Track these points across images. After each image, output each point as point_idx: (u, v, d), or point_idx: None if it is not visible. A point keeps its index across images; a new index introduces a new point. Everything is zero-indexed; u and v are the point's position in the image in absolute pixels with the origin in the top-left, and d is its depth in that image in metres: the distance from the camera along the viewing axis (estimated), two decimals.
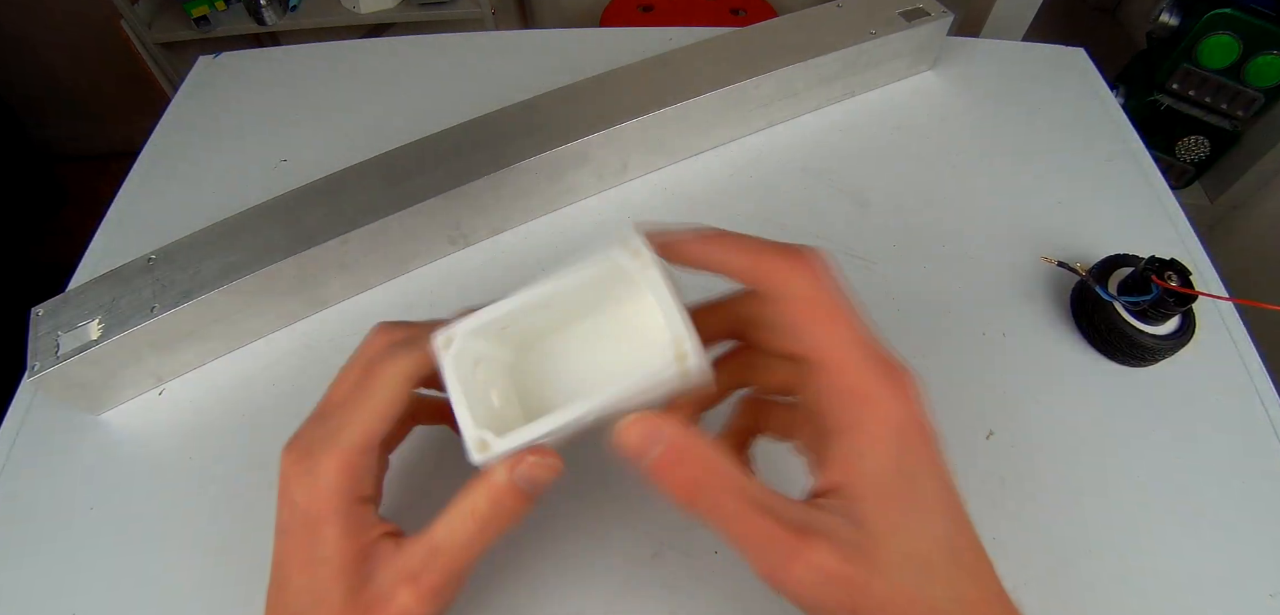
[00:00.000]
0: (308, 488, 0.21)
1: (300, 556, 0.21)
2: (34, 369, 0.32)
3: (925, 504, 0.19)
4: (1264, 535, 0.31)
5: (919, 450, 0.19)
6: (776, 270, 0.20)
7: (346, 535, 0.21)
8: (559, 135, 0.41)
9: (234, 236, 0.36)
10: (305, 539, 0.21)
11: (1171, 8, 1.03)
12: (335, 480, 0.21)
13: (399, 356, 0.22)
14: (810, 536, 0.18)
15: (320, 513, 0.20)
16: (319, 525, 0.20)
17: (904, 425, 0.19)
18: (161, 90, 1.34)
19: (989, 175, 0.46)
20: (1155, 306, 0.34)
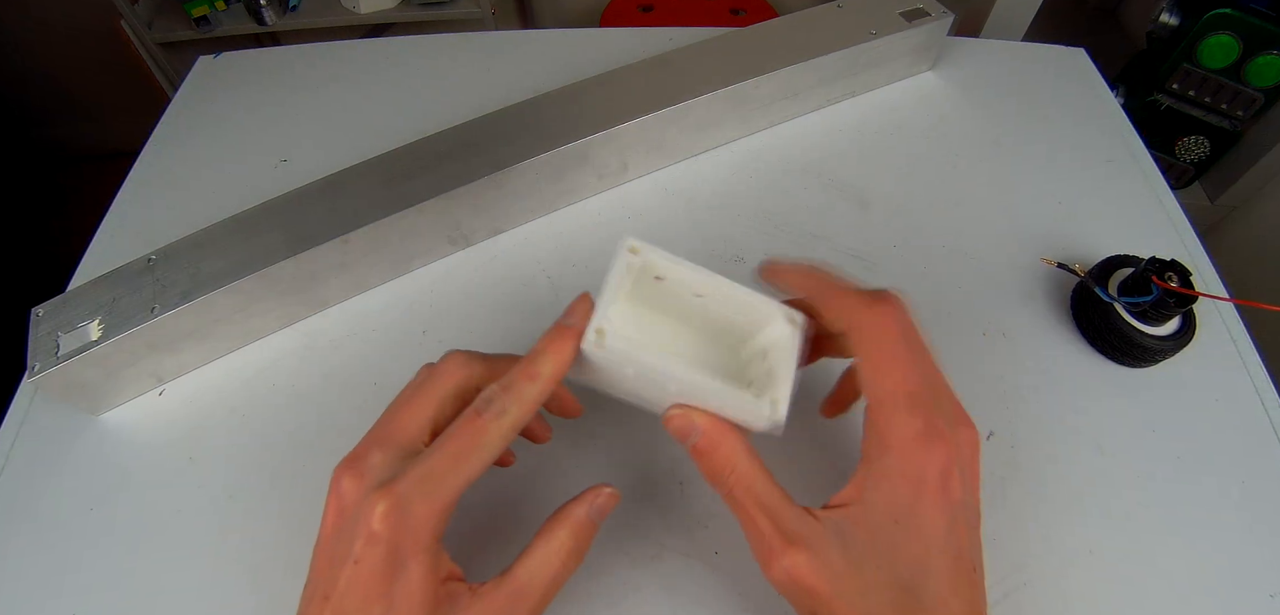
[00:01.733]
0: (396, 523, 0.20)
1: (375, 589, 0.20)
2: (34, 369, 0.32)
3: (913, 558, 0.21)
4: (1264, 535, 0.31)
5: (930, 512, 0.21)
6: (855, 310, 0.23)
7: (430, 574, 0.21)
8: (559, 135, 0.41)
9: (234, 236, 0.36)
10: (384, 573, 0.20)
11: (1171, 8, 1.03)
12: (431, 522, 0.21)
13: (509, 413, 0.22)
14: (794, 544, 0.21)
15: (408, 550, 0.20)
16: (405, 561, 0.20)
17: (924, 484, 0.21)
18: (161, 90, 1.34)
19: (989, 175, 0.46)
20: (1156, 307, 0.34)
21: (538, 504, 0.32)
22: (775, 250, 0.42)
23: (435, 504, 0.21)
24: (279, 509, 0.32)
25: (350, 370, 0.37)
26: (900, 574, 0.21)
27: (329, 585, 0.21)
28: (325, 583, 0.21)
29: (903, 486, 0.21)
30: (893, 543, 0.21)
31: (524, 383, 0.23)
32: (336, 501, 0.22)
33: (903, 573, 0.21)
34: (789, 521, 0.22)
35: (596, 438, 0.34)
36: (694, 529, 0.31)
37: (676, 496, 0.32)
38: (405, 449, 0.22)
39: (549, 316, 0.26)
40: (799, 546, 0.21)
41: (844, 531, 0.21)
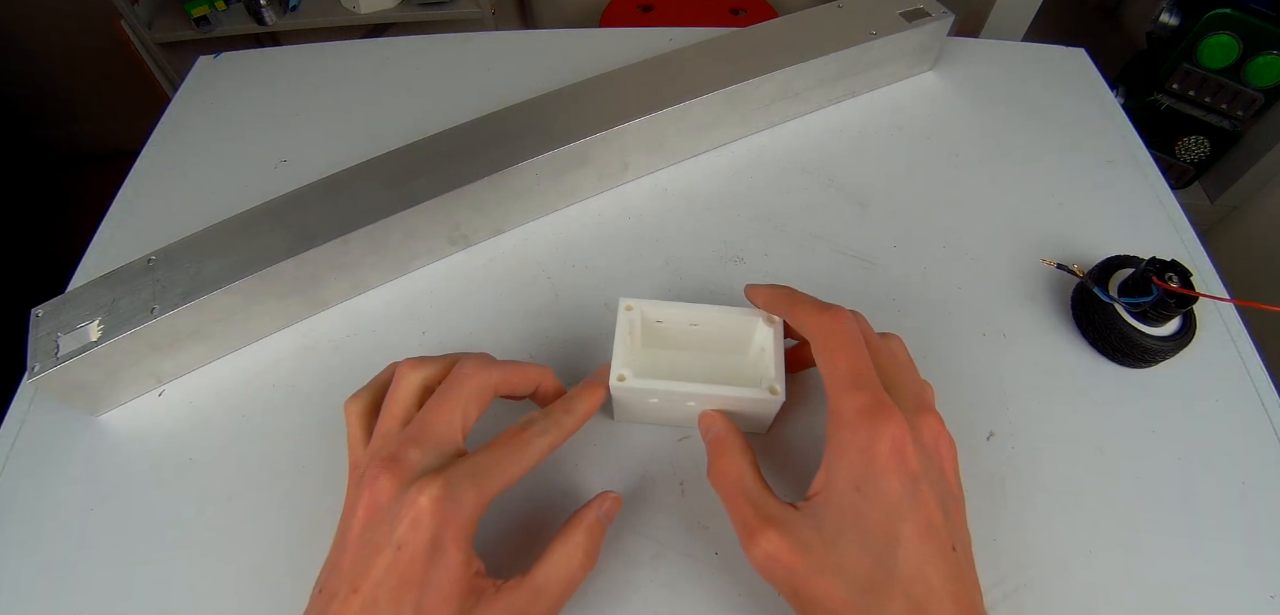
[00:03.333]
0: (445, 510, 0.22)
1: (413, 575, 0.21)
2: (34, 370, 0.32)
3: (879, 528, 0.22)
4: (1264, 535, 0.31)
5: (888, 480, 0.22)
6: (809, 318, 0.27)
7: (465, 565, 0.22)
8: (559, 135, 0.41)
9: (234, 236, 0.36)
10: (425, 559, 0.21)
11: (1171, 8, 1.03)
12: (474, 513, 0.23)
13: (548, 437, 0.26)
14: (770, 523, 0.23)
15: (449, 538, 0.22)
16: (444, 548, 0.22)
17: (876, 454, 0.23)
18: (161, 90, 1.34)
19: (989, 175, 0.46)
20: (1155, 308, 0.34)
21: (542, 506, 0.32)
22: (774, 250, 0.42)
23: (482, 495, 0.23)
24: (279, 509, 0.32)
25: (350, 370, 0.37)
26: (870, 543, 0.22)
27: (359, 577, 0.22)
28: (355, 575, 0.22)
29: (857, 457, 0.23)
30: (857, 511, 0.22)
31: (563, 414, 0.27)
32: (371, 496, 0.23)
33: (872, 541, 0.22)
34: (767, 507, 0.24)
35: (598, 441, 0.34)
36: (694, 529, 0.31)
37: (676, 496, 0.32)
38: (443, 447, 0.24)
39: (549, 316, 0.27)
40: (774, 525, 0.23)
41: (816, 511, 0.24)
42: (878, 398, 0.24)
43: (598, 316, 0.38)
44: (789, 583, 0.23)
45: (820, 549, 0.22)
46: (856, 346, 0.25)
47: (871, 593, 0.21)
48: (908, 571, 0.21)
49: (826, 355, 0.26)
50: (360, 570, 0.22)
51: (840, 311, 0.27)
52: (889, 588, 0.21)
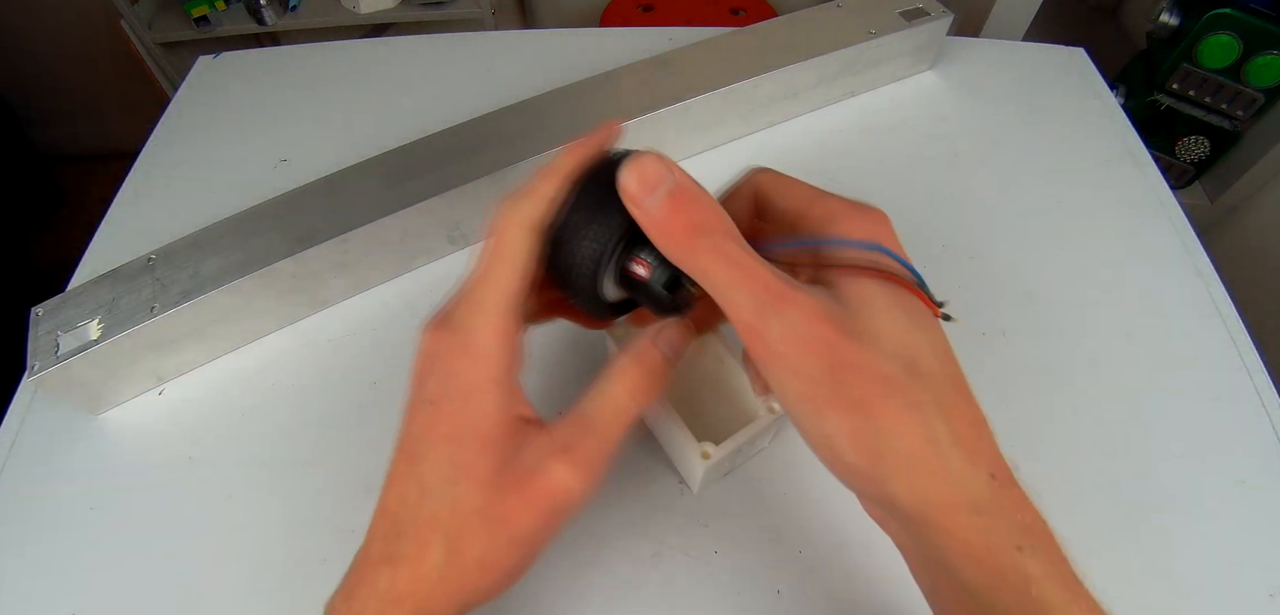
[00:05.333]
0: (465, 358, 0.20)
1: (445, 428, 0.20)
2: (34, 369, 0.32)
3: (902, 304, 0.20)
4: (1264, 535, 0.31)
5: (890, 276, 0.20)
6: (748, 181, 0.24)
7: (502, 405, 0.20)
8: (559, 135, 0.41)
9: (234, 236, 0.36)
10: (456, 409, 0.20)
11: (1171, 8, 1.03)
12: (492, 346, 0.20)
13: (519, 205, 0.21)
14: (796, 290, 0.19)
15: (477, 382, 0.20)
16: (475, 394, 0.20)
17: (877, 240, 0.21)
18: (161, 90, 1.34)
19: (989, 175, 0.46)
20: None
21: None
22: None
23: (489, 319, 0.20)
24: (279, 508, 0.32)
25: (350, 370, 0.37)
26: (903, 312, 0.20)
27: (405, 438, 0.21)
28: (403, 439, 0.21)
29: (865, 245, 0.20)
30: (883, 295, 0.20)
31: (538, 177, 0.22)
32: (417, 358, 0.21)
33: (905, 311, 0.20)
34: (784, 276, 0.20)
35: None
36: (694, 529, 0.31)
37: (676, 496, 0.32)
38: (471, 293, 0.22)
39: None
40: (803, 292, 0.19)
41: (834, 287, 0.20)
42: (858, 201, 0.22)
43: None
44: (827, 360, 0.19)
45: (852, 318, 0.19)
46: (789, 179, 0.23)
47: (913, 370, 0.19)
48: (937, 350, 0.20)
49: (785, 188, 0.23)
50: (405, 432, 0.21)
51: (755, 170, 0.24)
52: (928, 365, 0.19)
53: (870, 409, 0.19)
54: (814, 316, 0.19)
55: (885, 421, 0.18)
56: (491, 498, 0.20)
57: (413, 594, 0.20)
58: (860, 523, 0.31)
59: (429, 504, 0.20)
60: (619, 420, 0.21)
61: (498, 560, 0.20)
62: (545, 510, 0.20)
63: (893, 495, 0.19)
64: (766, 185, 0.24)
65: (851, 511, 0.31)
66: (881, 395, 0.19)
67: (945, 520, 0.19)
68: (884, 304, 0.20)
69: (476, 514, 0.20)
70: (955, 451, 0.19)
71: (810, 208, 0.22)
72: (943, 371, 0.20)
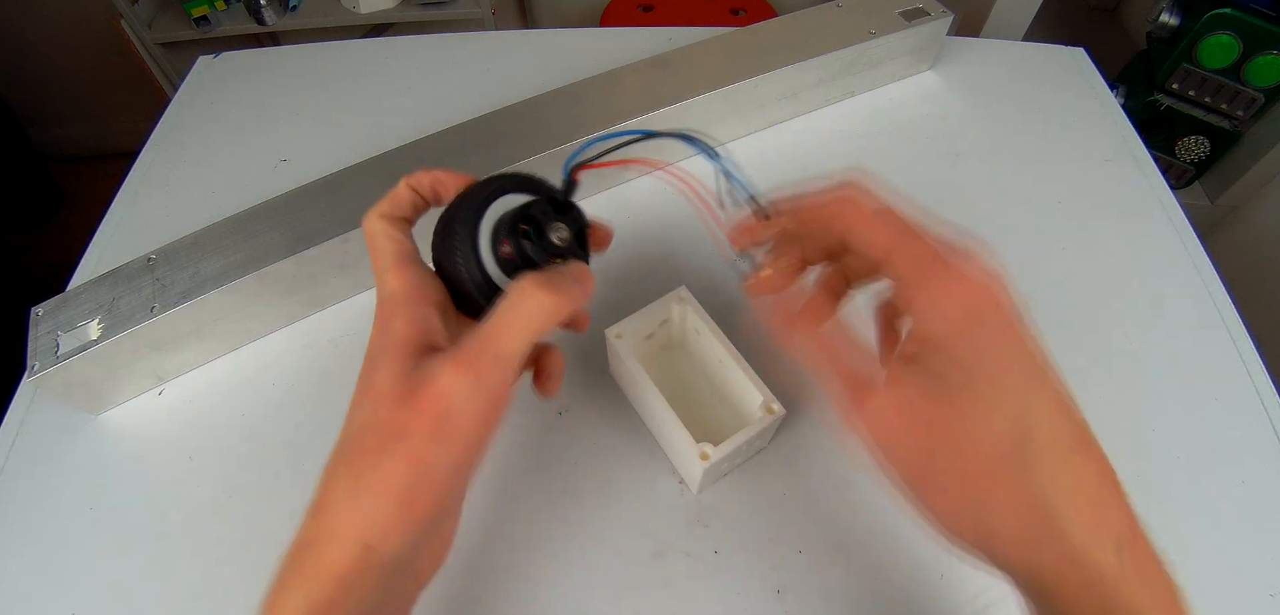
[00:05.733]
0: (383, 304, 0.23)
1: (371, 353, 0.22)
2: (34, 369, 0.32)
3: (1012, 369, 0.19)
4: (1264, 535, 0.31)
5: (1001, 313, 0.19)
6: (825, 205, 0.23)
7: (408, 328, 0.22)
8: (559, 135, 0.41)
9: (234, 236, 0.36)
10: (375, 342, 0.22)
11: (1171, 8, 1.03)
12: (397, 285, 0.23)
13: (374, 206, 0.25)
14: (894, 374, 0.19)
15: (388, 314, 0.22)
16: (387, 324, 0.22)
17: (981, 288, 0.19)
18: (161, 90, 1.34)
19: (989, 175, 0.46)
20: None
21: (538, 502, 0.32)
22: None
23: (388, 271, 0.23)
24: (279, 508, 0.32)
25: (350, 370, 0.37)
26: (1007, 387, 0.19)
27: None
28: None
29: (963, 293, 0.19)
30: (984, 352, 0.19)
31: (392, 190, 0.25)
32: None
33: (1009, 385, 0.19)
34: (873, 366, 0.20)
35: (596, 438, 0.34)
36: (694, 529, 0.31)
37: (676, 496, 0.32)
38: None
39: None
40: (902, 377, 0.19)
41: (928, 365, 0.20)
42: (939, 243, 0.21)
43: (595, 314, 0.38)
44: (923, 444, 0.19)
45: (953, 397, 0.19)
46: (884, 206, 0.22)
47: (1021, 445, 0.18)
48: (1053, 414, 0.19)
49: (866, 231, 0.22)
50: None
51: (849, 182, 0.23)
52: (1040, 435, 0.18)
53: (975, 492, 0.18)
54: (904, 406, 0.19)
55: (993, 504, 0.18)
56: (383, 411, 0.21)
57: (322, 530, 0.21)
58: (860, 523, 0.31)
59: (345, 432, 0.22)
60: (515, 330, 0.21)
61: (389, 474, 0.20)
62: (431, 416, 0.20)
63: (1009, 572, 0.19)
64: (851, 215, 0.22)
65: (852, 512, 0.31)
66: (986, 478, 0.18)
67: (1065, 593, 0.18)
68: (997, 367, 0.19)
69: (365, 427, 0.21)
70: (1077, 523, 0.18)
71: (899, 250, 0.21)
72: (1063, 433, 0.19)
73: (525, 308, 0.21)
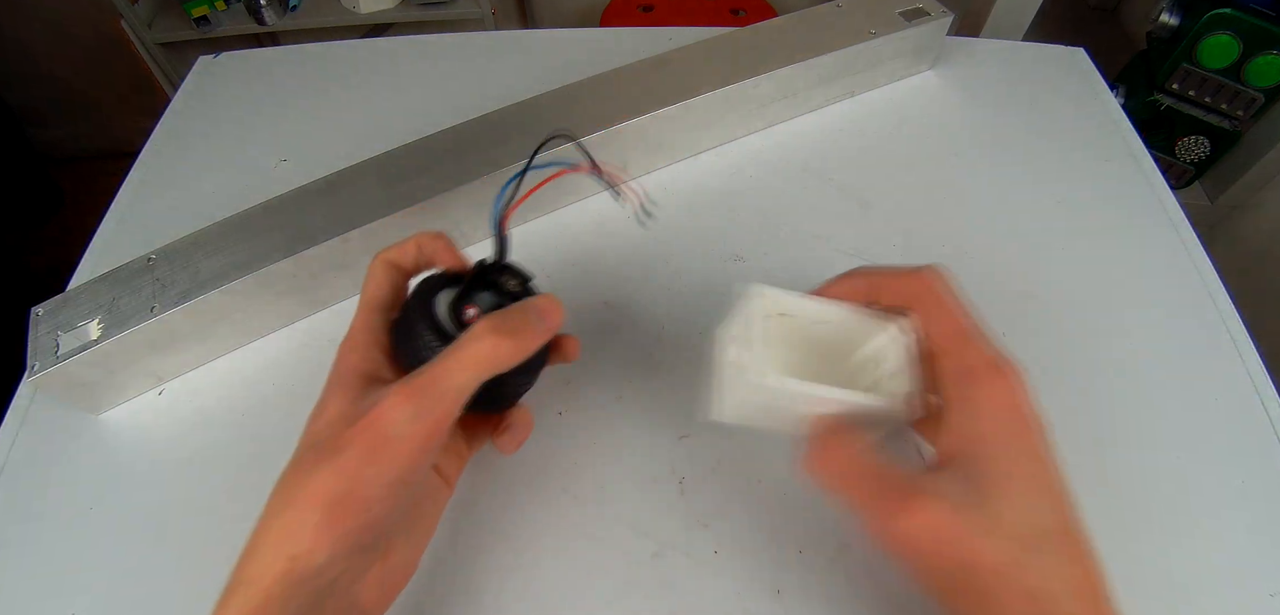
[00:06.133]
0: (339, 349, 0.25)
1: (326, 384, 0.24)
2: (34, 369, 0.32)
3: (1034, 481, 0.21)
4: (1264, 535, 0.31)
5: (1025, 435, 0.22)
6: (903, 282, 0.25)
7: (359, 362, 0.24)
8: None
9: (234, 236, 0.36)
10: (332, 371, 0.24)
11: (1171, 8, 1.03)
12: (356, 325, 0.25)
13: (383, 250, 0.27)
14: (921, 495, 0.21)
15: (344, 350, 0.25)
16: (341, 358, 0.24)
17: (1010, 408, 0.22)
18: (161, 90, 1.34)
19: (989, 175, 0.46)
20: None
21: (537, 503, 0.32)
22: (774, 250, 0.42)
23: (358, 312, 0.26)
24: None
25: None
26: (1030, 495, 0.21)
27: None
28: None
29: (997, 411, 0.22)
30: (1012, 464, 0.21)
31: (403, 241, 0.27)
32: None
33: (1032, 494, 0.21)
34: (906, 479, 0.22)
35: (597, 438, 0.34)
36: (694, 529, 0.31)
37: (676, 496, 0.32)
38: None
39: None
40: (925, 494, 0.21)
41: (962, 471, 0.22)
42: (997, 350, 0.23)
43: (597, 315, 0.38)
44: (954, 557, 0.21)
45: (981, 508, 0.21)
46: (959, 301, 0.24)
47: (1037, 549, 0.21)
48: (1063, 522, 0.22)
49: (935, 315, 0.24)
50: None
51: (932, 269, 0.25)
52: (1053, 540, 0.21)
53: (989, 601, 0.21)
54: (941, 519, 0.21)
55: (1007, 608, 0.20)
56: (331, 433, 0.22)
57: (254, 544, 0.22)
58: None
59: (292, 456, 0.23)
60: (466, 369, 0.22)
61: (318, 485, 0.21)
62: (370, 435, 0.21)
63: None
64: (925, 301, 0.25)
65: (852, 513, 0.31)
66: (1001, 586, 0.20)
67: None
68: (1019, 475, 0.21)
69: (310, 440, 0.22)
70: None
71: (953, 347, 0.24)
72: (1067, 535, 0.21)
73: (475, 348, 0.22)
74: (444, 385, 0.22)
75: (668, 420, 0.34)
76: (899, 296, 0.25)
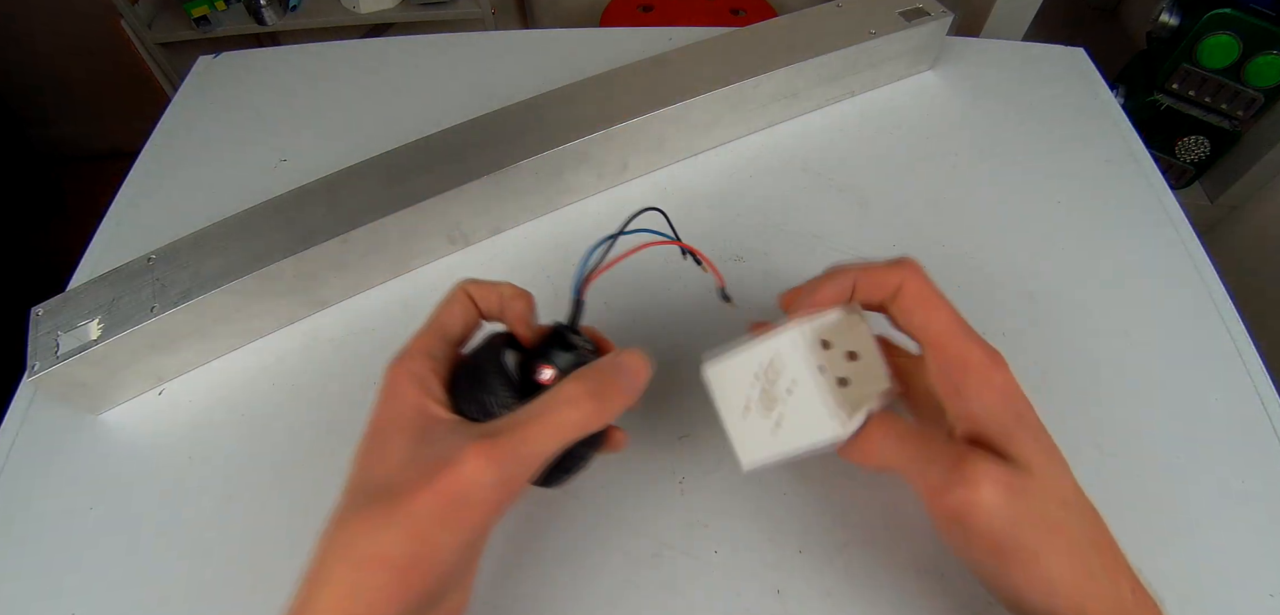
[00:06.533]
0: (396, 366, 0.23)
1: (381, 421, 0.22)
2: (34, 369, 0.32)
3: (1047, 454, 0.23)
4: (1264, 535, 0.31)
5: (1027, 414, 0.23)
6: (882, 275, 0.25)
7: (420, 394, 0.22)
8: (559, 135, 0.41)
9: (234, 236, 0.36)
10: (384, 406, 0.22)
11: (1171, 8, 1.03)
12: (415, 348, 0.23)
13: (464, 286, 0.26)
14: (979, 457, 0.22)
15: (399, 380, 0.22)
16: (397, 389, 0.22)
17: (1010, 394, 0.23)
18: (161, 90, 1.34)
19: (989, 175, 0.46)
20: None
21: (537, 502, 0.32)
22: (774, 250, 0.42)
23: (419, 336, 0.24)
24: (279, 509, 0.32)
25: (350, 370, 0.37)
26: (1061, 470, 0.23)
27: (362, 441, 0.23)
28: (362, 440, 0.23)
29: (999, 393, 0.23)
30: (1025, 437, 0.22)
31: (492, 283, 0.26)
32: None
33: (1060, 468, 0.23)
34: (951, 451, 0.22)
35: None
36: (694, 529, 0.31)
37: (676, 496, 0.32)
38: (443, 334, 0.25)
39: (548, 316, 0.26)
40: (982, 462, 0.22)
41: (996, 450, 0.23)
42: (982, 339, 0.24)
43: (597, 316, 0.38)
44: (1006, 515, 0.21)
45: (1021, 476, 0.22)
46: (939, 292, 0.25)
47: (1063, 509, 0.22)
48: (1074, 487, 0.23)
49: (922, 308, 0.24)
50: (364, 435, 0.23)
51: (910, 261, 0.25)
52: (1072, 502, 0.22)
53: (1042, 558, 0.21)
54: (1005, 480, 0.21)
55: (1055, 565, 0.21)
56: (399, 483, 0.20)
57: (311, 599, 0.20)
58: (861, 523, 0.31)
59: (348, 499, 0.21)
60: (554, 434, 0.21)
61: (386, 540, 0.19)
62: (446, 496, 0.19)
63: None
64: (911, 294, 0.25)
65: (852, 512, 0.31)
66: (1045, 545, 0.21)
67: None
68: (1035, 449, 0.22)
69: (379, 496, 0.20)
70: (1104, 575, 0.22)
71: (947, 345, 0.24)
72: (1081, 499, 0.23)
73: (566, 411, 0.21)
74: (531, 449, 0.20)
75: (668, 420, 0.34)
76: (881, 290, 0.25)
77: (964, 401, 0.23)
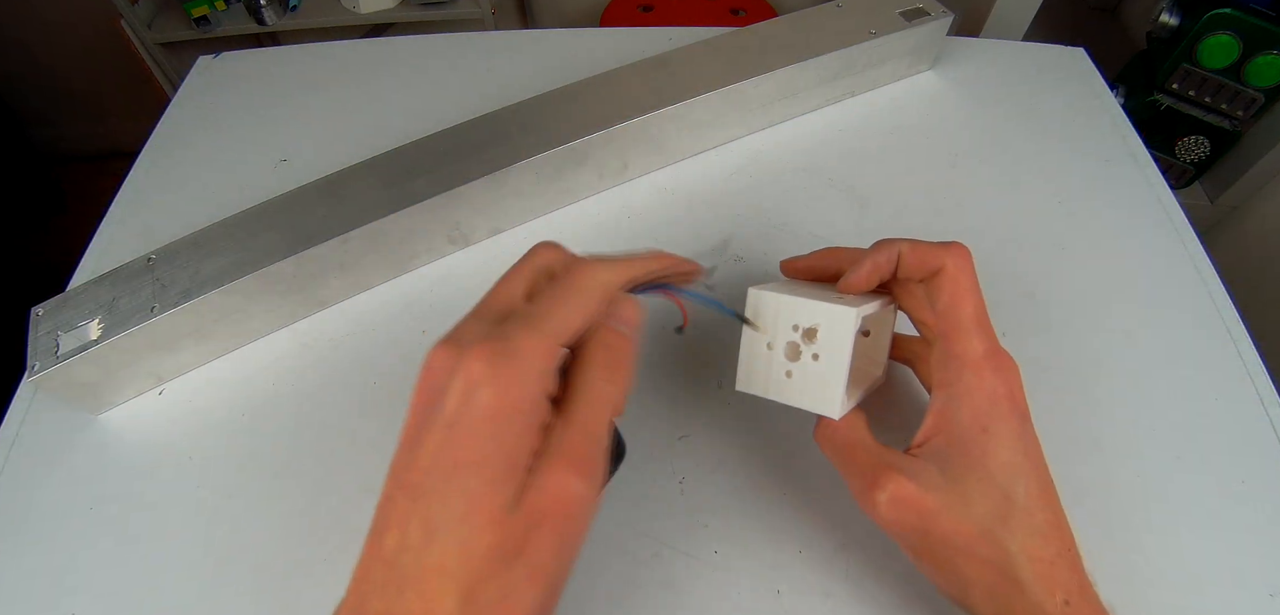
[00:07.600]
0: (503, 374, 0.18)
1: (463, 454, 0.18)
2: (34, 369, 0.32)
3: (1004, 465, 0.23)
4: (1264, 535, 0.31)
5: (1008, 421, 0.24)
6: (929, 254, 0.26)
7: (529, 431, 0.19)
8: (559, 135, 0.41)
9: (234, 236, 0.36)
10: (483, 433, 0.18)
11: (1171, 8, 1.02)
12: (532, 366, 0.18)
13: (611, 266, 0.22)
14: (895, 471, 0.24)
15: (513, 405, 0.18)
16: (508, 419, 0.18)
17: (998, 397, 0.24)
18: (161, 90, 1.34)
19: (989, 175, 0.46)
20: None
21: None
22: (774, 249, 0.42)
23: (542, 338, 0.19)
24: (279, 509, 0.32)
25: (350, 370, 0.37)
26: (996, 480, 0.23)
27: (405, 469, 0.18)
28: (404, 471, 0.18)
29: (983, 400, 0.24)
30: (984, 451, 0.23)
31: (632, 260, 0.24)
32: (426, 379, 0.19)
33: (998, 479, 0.23)
34: (887, 455, 0.24)
35: None
36: (694, 528, 0.31)
37: (676, 496, 0.32)
38: (503, 315, 0.20)
39: None
40: (899, 471, 0.24)
41: (939, 454, 0.24)
42: (996, 343, 0.25)
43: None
44: (917, 526, 0.23)
45: (946, 487, 0.23)
46: (978, 288, 0.26)
47: (1000, 524, 0.23)
48: (1025, 506, 0.23)
49: (946, 294, 0.25)
50: (410, 461, 0.18)
51: (959, 247, 0.26)
52: (1015, 518, 0.23)
53: (956, 568, 0.23)
54: (910, 494, 0.23)
55: (969, 573, 0.23)
56: (505, 532, 0.18)
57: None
58: (861, 523, 0.31)
59: (435, 548, 0.17)
60: (605, 411, 0.20)
61: (517, 600, 0.18)
62: (559, 526, 0.18)
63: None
64: (950, 274, 0.26)
65: (852, 511, 0.31)
66: (964, 559, 0.23)
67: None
68: (994, 463, 0.23)
69: (489, 553, 0.17)
70: (1035, 585, 0.22)
71: (951, 333, 0.25)
72: (1036, 503, 0.23)
73: (610, 388, 0.20)
74: (598, 436, 0.20)
75: (668, 420, 0.34)
76: (924, 268, 0.26)
77: (943, 397, 0.25)
